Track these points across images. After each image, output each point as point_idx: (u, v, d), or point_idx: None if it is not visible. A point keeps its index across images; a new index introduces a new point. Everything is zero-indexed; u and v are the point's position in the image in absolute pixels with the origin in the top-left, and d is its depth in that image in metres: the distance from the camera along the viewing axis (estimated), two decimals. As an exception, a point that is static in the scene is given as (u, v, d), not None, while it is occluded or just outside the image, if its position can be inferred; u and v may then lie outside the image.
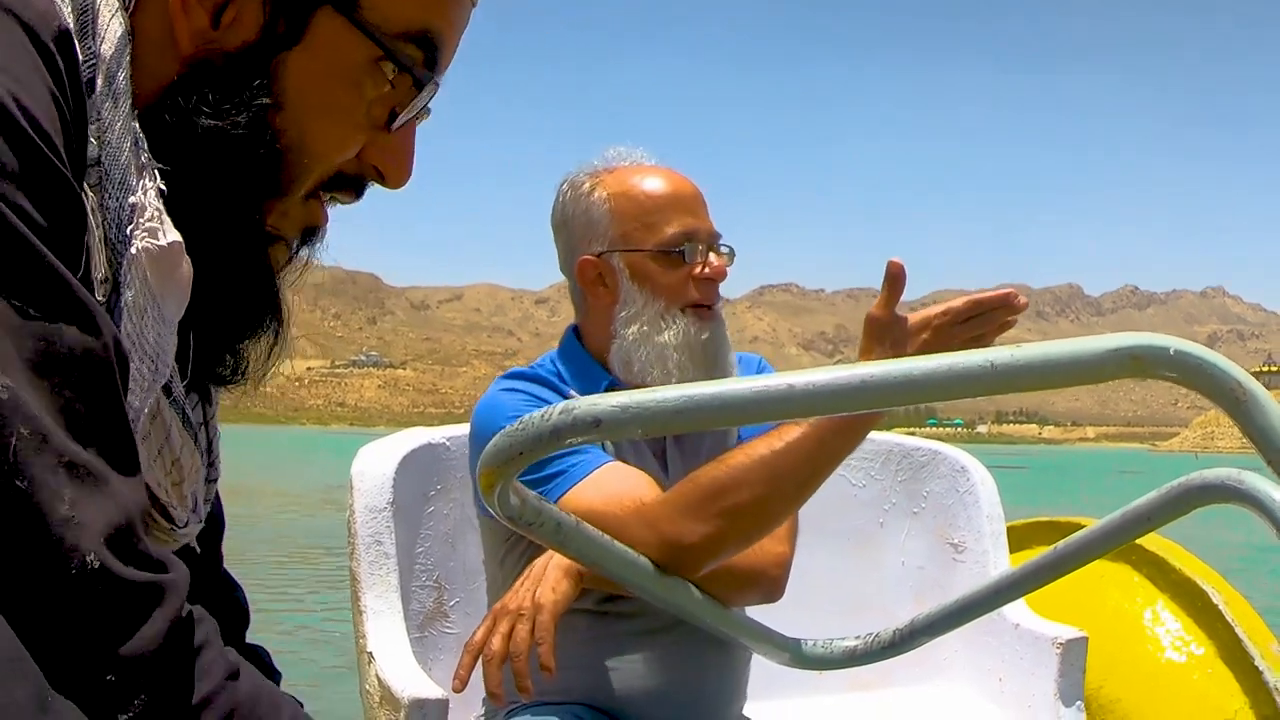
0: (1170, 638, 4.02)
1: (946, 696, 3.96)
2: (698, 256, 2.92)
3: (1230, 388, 1.38)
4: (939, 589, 3.84)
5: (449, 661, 2.66)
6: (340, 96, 1.40)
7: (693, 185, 3.00)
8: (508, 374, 3.00)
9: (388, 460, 3.34)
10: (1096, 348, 1.40)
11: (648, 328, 2.91)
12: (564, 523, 1.96)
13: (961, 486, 4.03)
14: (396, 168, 1.49)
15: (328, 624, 13.98)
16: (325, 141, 1.40)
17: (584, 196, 3.00)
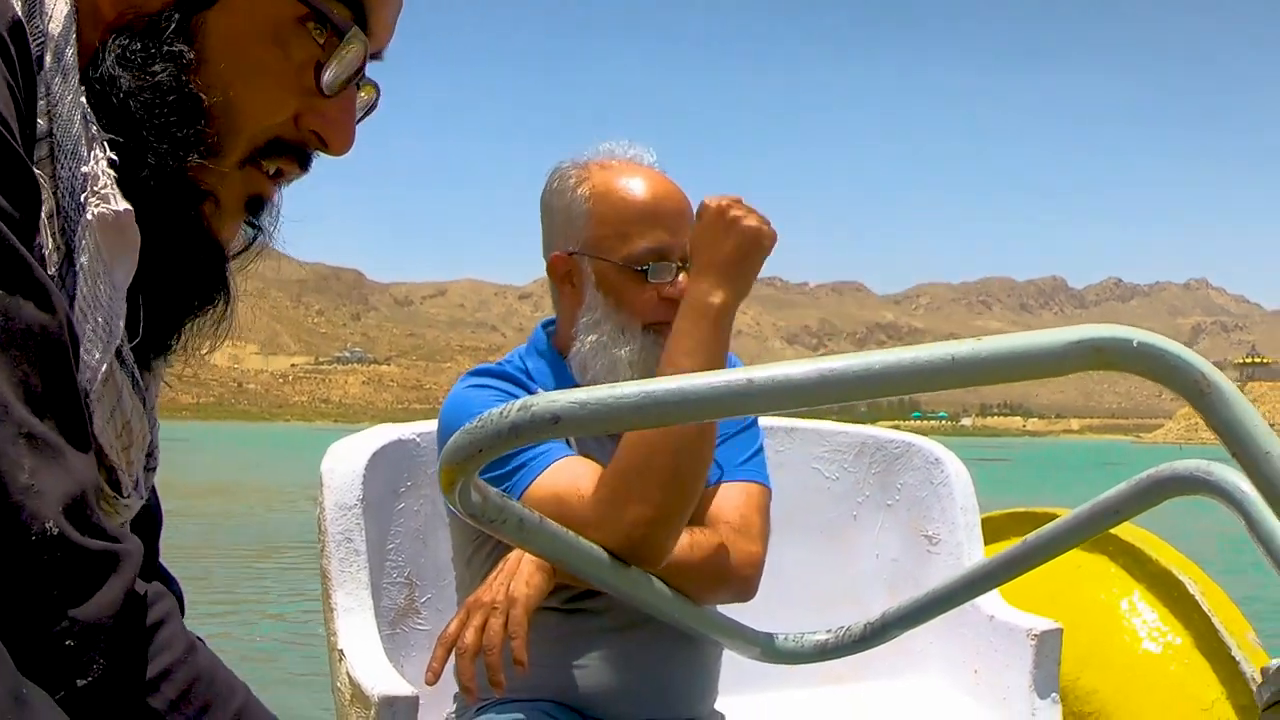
0: (1147, 628, 4.02)
1: (921, 689, 3.96)
2: (666, 275, 2.85)
3: (1194, 380, 1.37)
4: (913, 581, 3.84)
5: (421, 659, 2.65)
6: (264, 55, 1.40)
7: (678, 198, 2.94)
8: (474, 370, 2.98)
9: (358, 457, 3.32)
10: (1058, 340, 1.38)
11: (606, 339, 2.87)
12: (526, 519, 1.95)
13: (935, 478, 4.03)
14: (337, 133, 1.48)
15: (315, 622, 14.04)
16: (252, 101, 1.40)
17: (568, 190, 2.96)
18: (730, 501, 2.89)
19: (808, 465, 4.07)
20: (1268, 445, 1.35)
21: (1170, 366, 1.37)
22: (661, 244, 2.86)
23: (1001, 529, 4.35)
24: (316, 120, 1.46)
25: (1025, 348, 1.39)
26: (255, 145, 1.43)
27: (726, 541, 2.79)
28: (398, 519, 3.45)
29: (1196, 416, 1.39)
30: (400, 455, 3.45)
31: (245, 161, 1.44)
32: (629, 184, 2.92)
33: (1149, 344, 1.37)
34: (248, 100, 1.39)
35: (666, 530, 2.59)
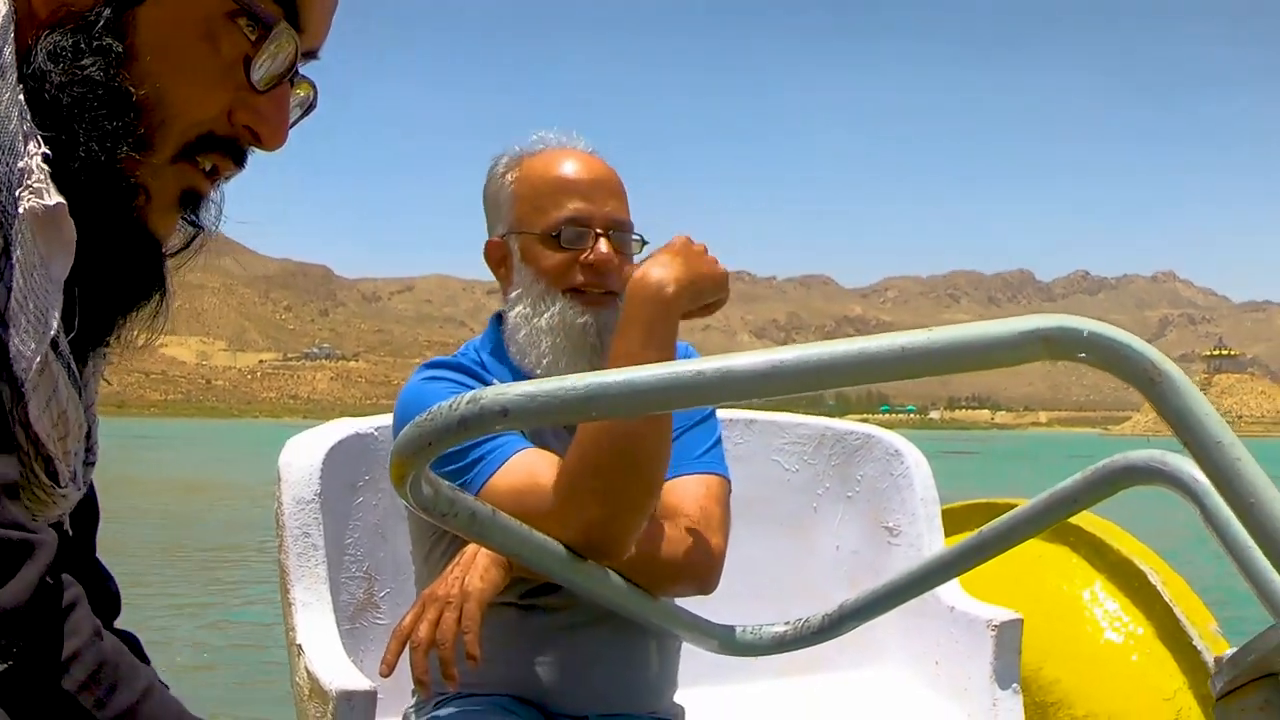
0: (1109, 618, 4.03)
1: (882, 680, 3.97)
2: (582, 241, 2.88)
3: (1145, 369, 1.37)
4: (874, 573, 3.84)
5: (380, 652, 2.65)
6: (194, 49, 1.41)
7: (601, 170, 2.97)
8: (430, 363, 2.99)
9: (315, 451, 3.32)
10: (1009, 330, 1.38)
11: (529, 310, 2.90)
12: (479, 512, 1.94)
13: (895, 470, 4.03)
14: (269, 128, 1.49)
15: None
16: (183, 95, 1.41)
17: (497, 179, 3.02)
18: (689, 494, 2.89)
19: (767, 457, 4.07)
20: (1218, 434, 1.35)
21: (1121, 356, 1.37)
22: (577, 211, 2.89)
23: (963, 520, 4.35)
24: (249, 115, 1.46)
25: (976, 338, 1.39)
26: (187, 140, 1.43)
27: (687, 534, 2.78)
28: (356, 513, 3.45)
29: (1167, 409, 1.39)
30: (358, 449, 3.44)
31: (178, 156, 1.44)
32: (550, 162, 2.96)
33: (1099, 333, 1.37)
34: (178, 94, 1.40)
35: (628, 524, 2.59)
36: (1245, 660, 1.38)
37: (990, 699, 3.54)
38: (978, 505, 4.48)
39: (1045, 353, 1.38)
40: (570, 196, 2.90)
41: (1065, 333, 1.37)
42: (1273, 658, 1.36)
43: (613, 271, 2.88)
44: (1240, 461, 1.34)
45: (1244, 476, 1.34)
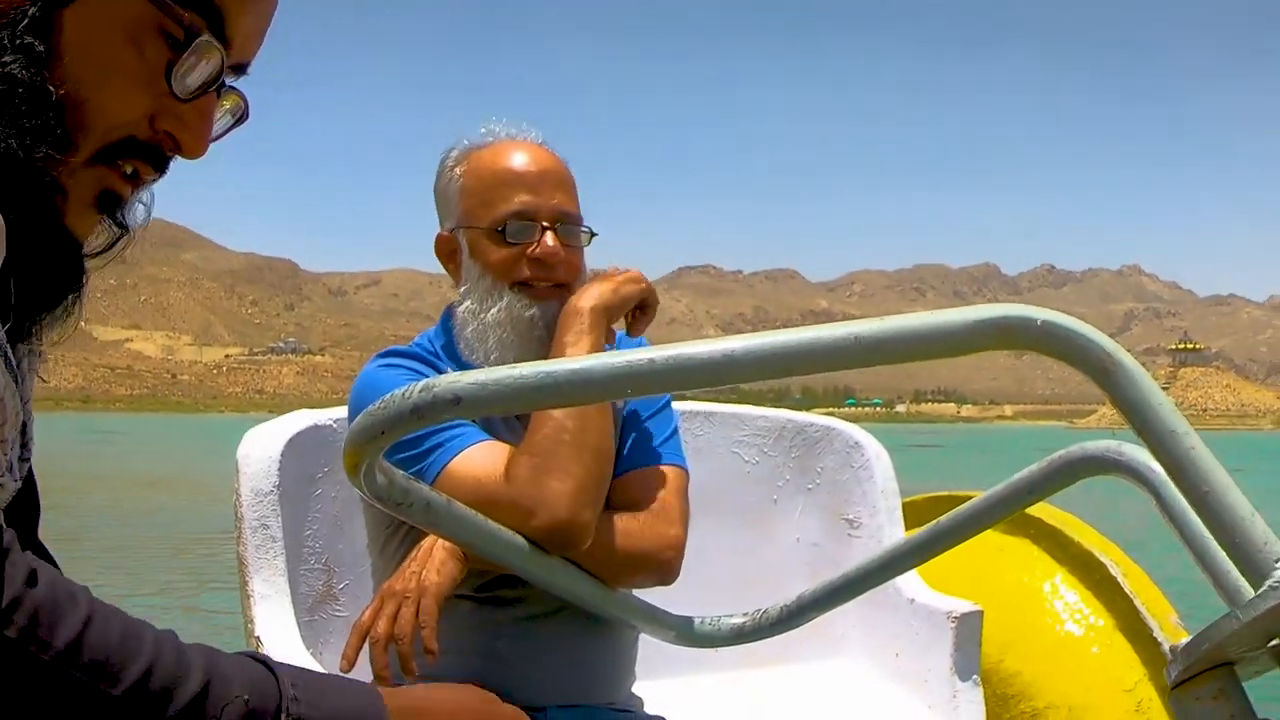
0: (1069, 611, 4.04)
1: (842, 672, 3.97)
2: (531, 235, 2.89)
3: (1099, 358, 1.37)
4: (834, 565, 3.83)
5: (339, 645, 2.64)
6: (118, 53, 1.40)
7: (548, 162, 2.97)
8: (385, 351, 2.99)
9: (273, 443, 3.31)
10: (963, 319, 1.38)
11: (477, 305, 2.91)
12: (434, 501, 1.94)
13: (856, 462, 4.03)
14: (190, 137, 1.48)
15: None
16: (104, 98, 1.40)
17: (447, 172, 3.02)
18: (648, 485, 2.89)
19: (727, 449, 4.07)
20: (1172, 423, 1.35)
21: (1075, 345, 1.37)
22: (523, 205, 2.90)
23: (924, 513, 4.35)
24: (171, 122, 1.46)
25: (930, 327, 1.39)
26: (107, 142, 1.43)
27: (646, 525, 2.79)
28: (315, 505, 3.43)
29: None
30: (317, 441, 3.43)
31: (97, 158, 1.43)
32: (498, 155, 2.97)
33: (1053, 322, 1.37)
34: (100, 96, 1.39)
35: (589, 505, 2.61)
36: (1199, 649, 1.38)
37: (950, 690, 3.54)
38: (939, 497, 4.48)
39: (999, 342, 1.38)
40: (516, 190, 2.91)
41: (1019, 322, 1.37)
42: (1227, 646, 1.36)
43: (560, 264, 2.90)
44: (1194, 450, 1.34)
45: (1198, 465, 1.34)
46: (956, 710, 3.54)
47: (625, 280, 2.91)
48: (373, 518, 2.99)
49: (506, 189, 2.91)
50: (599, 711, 2.87)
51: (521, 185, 2.91)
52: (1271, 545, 1.32)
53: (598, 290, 2.86)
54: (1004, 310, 1.38)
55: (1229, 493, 1.33)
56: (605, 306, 2.84)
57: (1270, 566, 1.31)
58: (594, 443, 2.66)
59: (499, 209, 2.90)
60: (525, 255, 2.88)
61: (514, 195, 2.90)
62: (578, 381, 1.41)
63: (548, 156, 2.99)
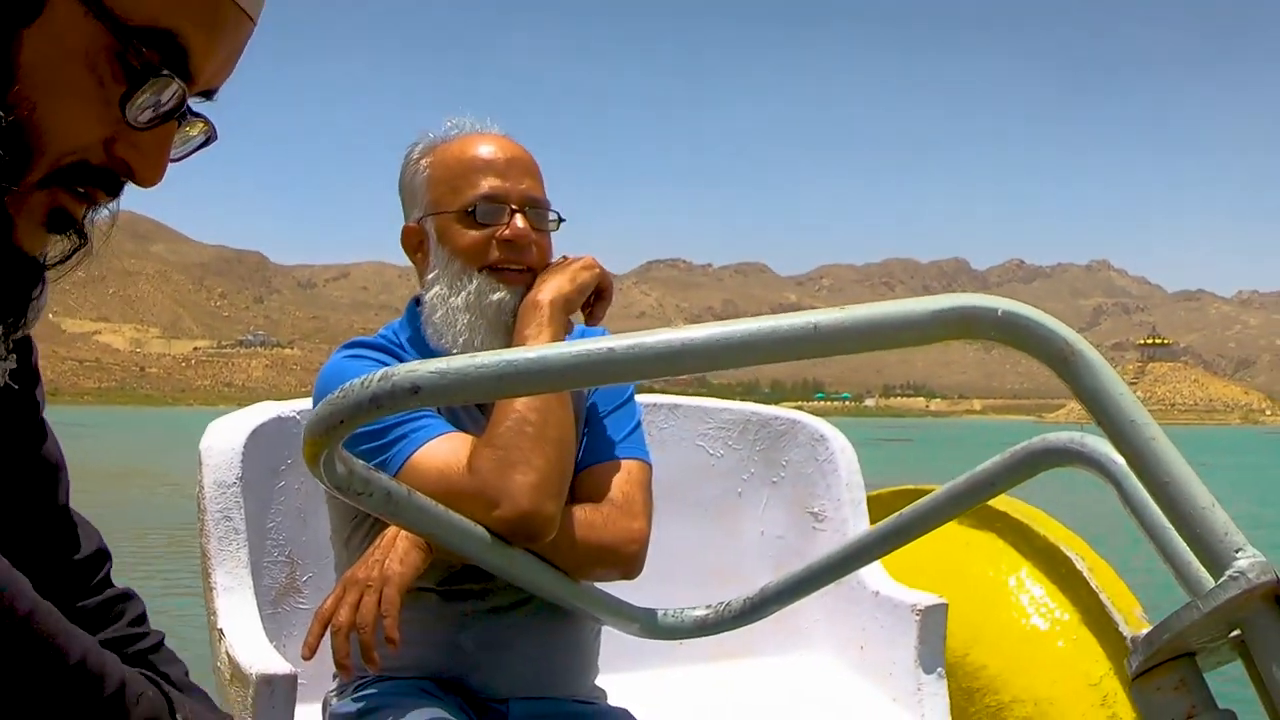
0: (1035, 604, 4.05)
1: (808, 665, 3.97)
2: (497, 217, 2.90)
3: (1059, 348, 1.36)
4: (799, 558, 3.83)
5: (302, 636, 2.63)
6: (76, 78, 1.37)
7: (513, 149, 2.99)
8: (350, 342, 2.99)
9: (237, 434, 3.30)
10: (923, 309, 1.38)
11: (446, 290, 2.91)
12: (394, 492, 1.93)
13: (820, 455, 4.04)
14: (144, 166, 1.46)
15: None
16: (58, 122, 1.38)
17: (413, 164, 3.03)
18: (612, 479, 2.89)
19: (692, 442, 4.07)
20: (1132, 413, 1.35)
21: (1034, 335, 1.37)
22: (493, 189, 2.92)
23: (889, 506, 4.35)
24: (126, 149, 1.44)
25: (889, 316, 1.38)
26: (60, 166, 1.41)
27: (610, 519, 2.79)
28: (278, 497, 3.43)
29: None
30: (280, 433, 3.42)
31: (49, 181, 1.41)
32: (465, 145, 2.99)
33: (1013, 312, 1.36)
34: (54, 120, 1.37)
35: (552, 496, 2.62)
36: (1160, 640, 1.37)
37: (915, 683, 3.55)
38: (903, 491, 4.48)
39: (959, 332, 1.38)
40: (484, 175, 2.92)
41: (979, 312, 1.36)
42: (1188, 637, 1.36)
43: (530, 247, 2.90)
44: (1154, 441, 1.34)
45: (1158, 456, 1.34)
46: (921, 703, 3.54)
47: (580, 269, 2.92)
48: (336, 510, 2.98)
49: (475, 174, 2.92)
50: (562, 704, 2.88)
51: (490, 170, 2.93)
52: (1231, 536, 1.32)
53: (554, 282, 2.87)
54: (964, 300, 1.38)
55: (1189, 483, 1.33)
56: (563, 297, 2.85)
57: (1230, 557, 1.31)
58: (555, 434, 2.67)
59: (468, 193, 2.91)
60: (495, 238, 2.89)
61: (483, 180, 2.91)
62: (537, 370, 1.40)
63: (514, 145, 3.00)
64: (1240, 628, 1.35)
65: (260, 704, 2.73)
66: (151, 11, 1.37)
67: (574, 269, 2.91)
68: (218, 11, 1.42)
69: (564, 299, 2.84)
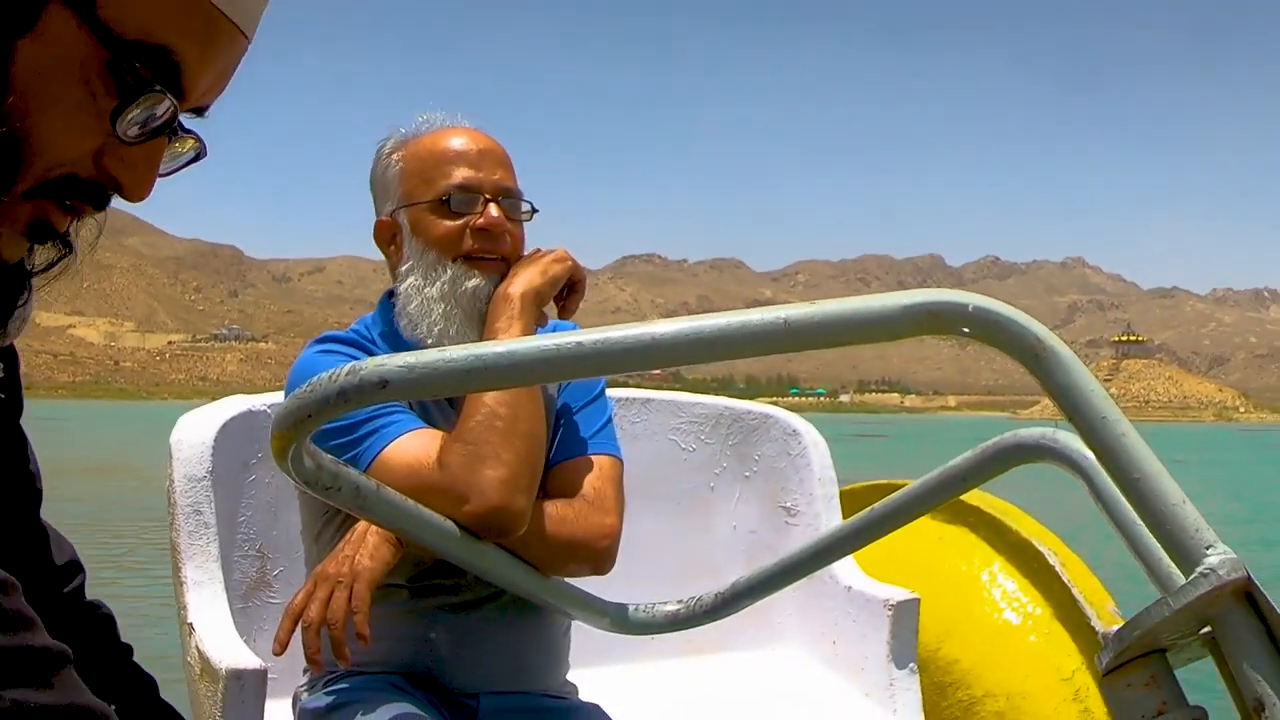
0: (1007, 599, 4.05)
1: (780, 660, 3.97)
2: (472, 206, 2.89)
3: (1030, 344, 1.37)
4: (771, 553, 3.82)
5: (272, 631, 2.63)
6: (69, 91, 1.36)
7: (486, 141, 2.99)
8: (321, 337, 2.98)
9: (207, 428, 3.29)
10: (893, 304, 1.38)
11: (421, 280, 2.90)
12: (363, 486, 1.93)
13: (793, 450, 4.04)
14: (133, 181, 1.45)
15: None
16: (49, 134, 1.36)
17: (384, 159, 3.03)
18: (583, 474, 2.89)
19: (664, 436, 4.07)
20: (1104, 410, 1.35)
21: (1005, 330, 1.37)
22: (466, 179, 2.92)
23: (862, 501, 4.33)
24: (115, 164, 1.42)
25: (859, 312, 1.38)
26: (47, 178, 1.39)
27: (582, 514, 2.79)
28: (249, 491, 3.42)
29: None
30: (251, 426, 3.41)
31: (36, 192, 1.40)
32: (436, 138, 2.99)
33: (984, 308, 1.36)
34: (45, 132, 1.36)
35: (522, 491, 2.60)
36: (1131, 636, 1.38)
37: (888, 678, 3.55)
38: (876, 486, 4.48)
39: (930, 327, 1.38)
40: (458, 165, 2.92)
41: (950, 307, 1.36)
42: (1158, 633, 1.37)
43: (504, 236, 2.90)
44: (1125, 437, 1.34)
45: (1128, 451, 1.34)
46: (893, 698, 3.55)
47: (552, 261, 2.91)
48: (307, 505, 2.97)
49: (448, 165, 2.92)
50: (532, 699, 2.87)
51: (463, 161, 2.93)
52: (1202, 532, 1.32)
53: (526, 275, 2.86)
54: (935, 295, 1.38)
55: (1160, 479, 1.33)
56: (535, 290, 2.84)
57: (1201, 553, 1.31)
58: (525, 429, 2.65)
59: (441, 183, 2.90)
60: (469, 227, 2.88)
61: (456, 170, 2.91)
62: (506, 365, 1.40)
63: (485, 137, 3.00)
64: (1211, 624, 1.36)
65: (230, 699, 2.72)
66: (146, 26, 1.35)
67: (546, 261, 2.90)
68: (212, 28, 1.41)
69: (535, 292, 2.83)
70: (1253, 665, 1.30)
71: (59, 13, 1.32)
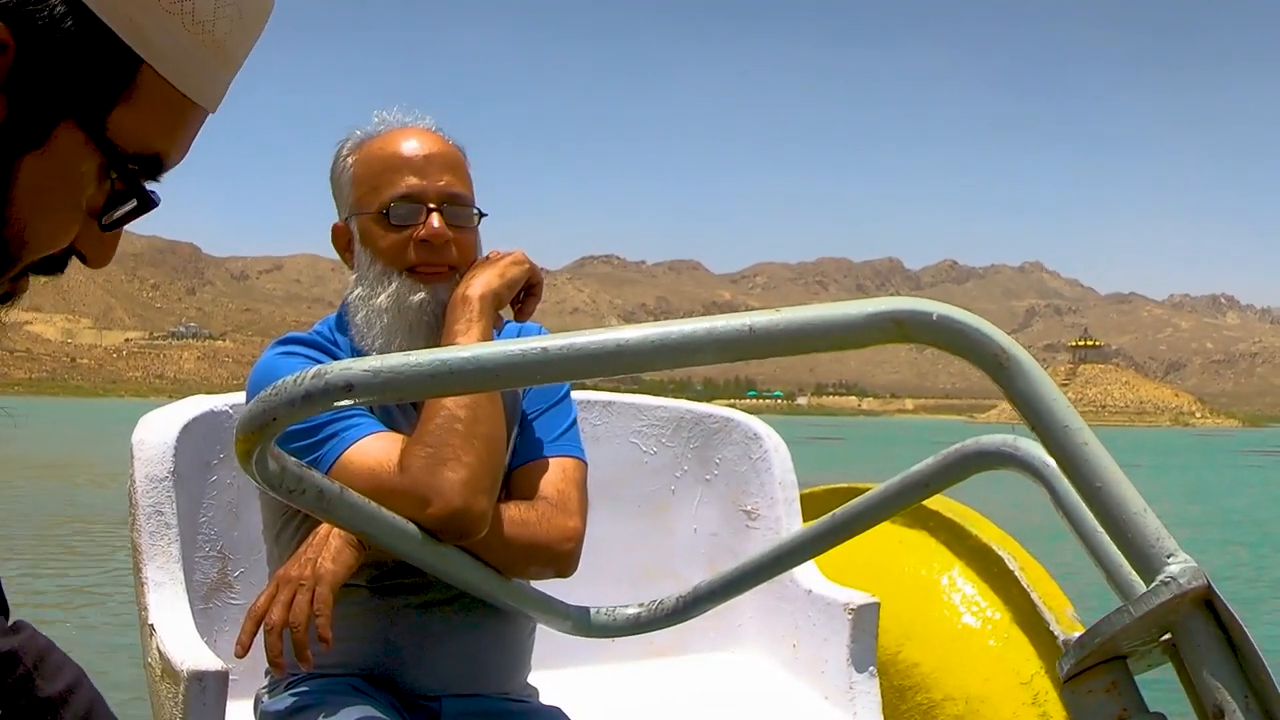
0: (967, 603, 4.06)
1: (740, 663, 3.98)
2: (411, 218, 2.88)
3: (994, 353, 1.37)
4: (732, 556, 3.84)
5: (234, 632, 2.63)
6: (66, 197, 1.38)
7: (436, 145, 2.97)
8: (283, 338, 2.98)
9: (169, 428, 3.28)
10: (858, 312, 1.38)
11: (367, 290, 2.91)
12: (326, 489, 1.93)
13: (754, 453, 4.04)
14: (100, 255, 1.47)
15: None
16: (44, 234, 1.39)
17: (340, 161, 3.02)
18: (547, 477, 2.89)
19: (626, 439, 4.07)
20: (1066, 419, 1.36)
21: (969, 340, 1.37)
22: (409, 188, 2.90)
23: (822, 504, 4.36)
24: (87, 242, 1.44)
25: (824, 319, 1.38)
26: (26, 265, 1.41)
27: (545, 517, 2.79)
28: (210, 491, 3.41)
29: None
30: (212, 427, 3.40)
31: (16, 277, 1.42)
32: (387, 142, 2.97)
33: (948, 317, 1.37)
34: (39, 234, 1.38)
35: (483, 492, 2.60)
36: (1092, 643, 1.38)
37: (847, 681, 3.56)
38: (837, 490, 4.49)
39: (895, 335, 1.38)
40: (402, 174, 2.90)
41: (914, 315, 1.37)
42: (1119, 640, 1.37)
43: (447, 246, 2.88)
44: (1087, 446, 1.35)
45: (1090, 460, 1.35)
46: (853, 701, 3.56)
47: (510, 264, 2.91)
48: (268, 506, 2.97)
49: (393, 173, 2.90)
50: (492, 701, 2.87)
51: (408, 169, 2.91)
52: (1163, 541, 1.33)
53: (484, 277, 2.85)
54: (900, 304, 1.38)
55: (1121, 487, 1.34)
56: (493, 293, 2.83)
57: (1162, 561, 1.32)
58: (485, 430, 2.66)
59: (385, 194, 2.89)
60: (412, 239, 2.87)
61: (400, 179, 2.89)
62: (471, 370, 1.40)
63: (436, 140, 2.98)
64: (1171, 631, 1.36)
65: (191, 701, 2.72)
66: (144, 140, 1.39)
67: (504, 264, 2.89)
68: (193, 119, 1.45)
69: (493, 294, 2.83)
70: (1213, 672, 1.31)
71: (69, 132, 1.34)
